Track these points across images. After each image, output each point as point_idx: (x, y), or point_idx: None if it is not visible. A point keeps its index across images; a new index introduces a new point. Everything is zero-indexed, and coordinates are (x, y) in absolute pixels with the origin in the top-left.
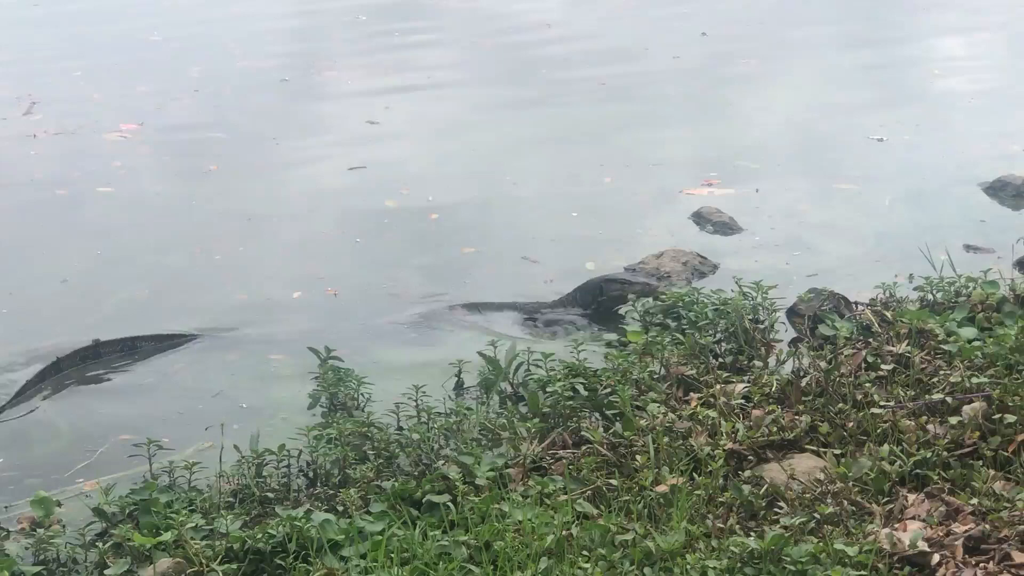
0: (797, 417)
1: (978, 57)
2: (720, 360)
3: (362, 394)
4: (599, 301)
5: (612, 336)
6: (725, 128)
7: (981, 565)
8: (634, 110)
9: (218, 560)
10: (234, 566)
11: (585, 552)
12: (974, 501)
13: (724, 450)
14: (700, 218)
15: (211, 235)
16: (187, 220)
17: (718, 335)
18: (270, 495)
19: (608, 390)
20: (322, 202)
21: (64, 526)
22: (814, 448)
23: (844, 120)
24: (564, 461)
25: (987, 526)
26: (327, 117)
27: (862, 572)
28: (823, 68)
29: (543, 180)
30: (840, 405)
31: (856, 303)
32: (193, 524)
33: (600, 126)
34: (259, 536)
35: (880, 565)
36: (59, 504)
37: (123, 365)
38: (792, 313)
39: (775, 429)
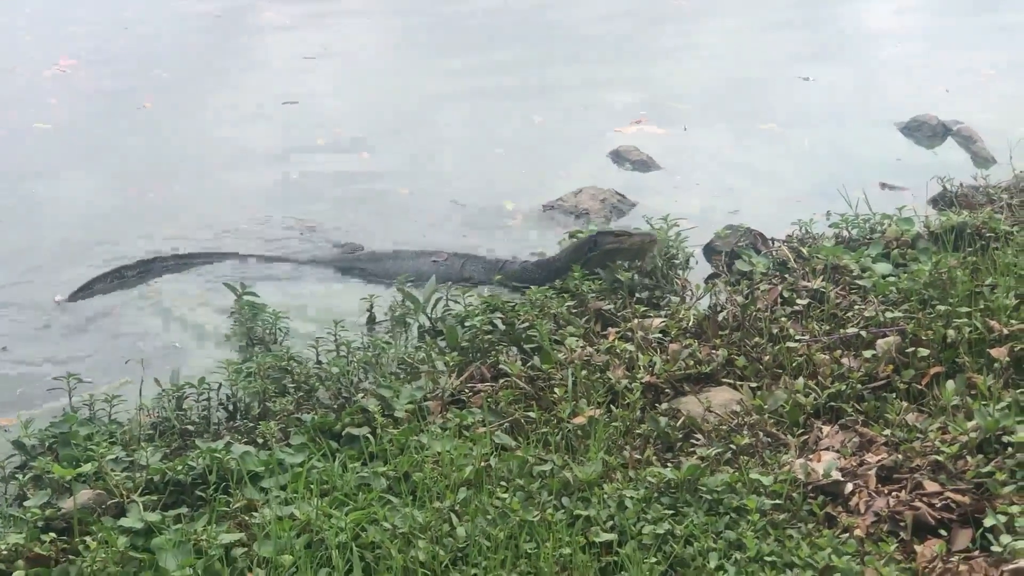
0: (714, 351)
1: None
2: (637, 295)
3: (280, 329)
4: (589, 256)
5: None
6: (657, 68)
7: (893, 494)
8: (568, 49)
9: (138, 491)
10: (154, 497)
11: (503, 483)
12: (887, 432)
13: (641, 383)
14: (619, 157)
15: (144, 173)
16: (120, 158)
17: (633, 272)
18: (190, 428)
19: (526, 324)
20: (255, 138)
21: None
22: (730, 381)
23: (774, 61)
24: (482, 394)
25: (899, 456)
26: (262, 53)
27: (777, 501)
28: (756, 8)
29: (475, 119)
30: (756, 339)
31: (772, 239)
32: (113, 456)
33: (535, 66)
34: (179, 468)
35: (795, 494)
36: None
37: None
38: (709, 250)
39: (692, 363)
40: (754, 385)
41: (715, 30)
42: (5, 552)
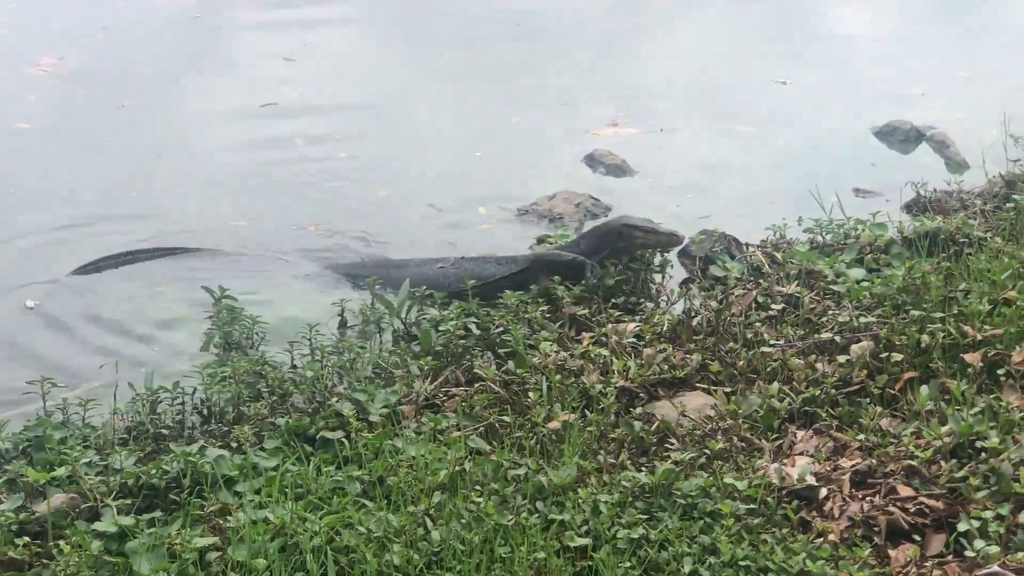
0: (688, 355)
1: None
2: (612, 300)
3: (256, 333)
4: (615, 247)
5: None
6: (636, 69)
7: (867, 498)
8: (548, 49)
9: (112, 495)
10: (128, 501)
11: (478, 487)
12: (861, 437)
13: (616, 388)
14: (592, 160)
15: (124, 172)
16: (100, 157)
17: (609, 277)
18: (164, 432)
19: (500, 329)
20: (234, 139)
21: None
22: (705, 386)
23: (751, 62)
24: (457, 398)
25: (873, 461)
26: (240, 54)
27: (751, 505)
28: (735, 10)
29: (453, 120)
30: (730, 344)
31: (747, 244)
32: (87, 460)
33: (513, 64)
34: (153, 472)
35: (769, 499)
36: None
37: None
38: (683, 254)
39: (666, 367)
40: (728, 390)
41: (695, 31)
42: None
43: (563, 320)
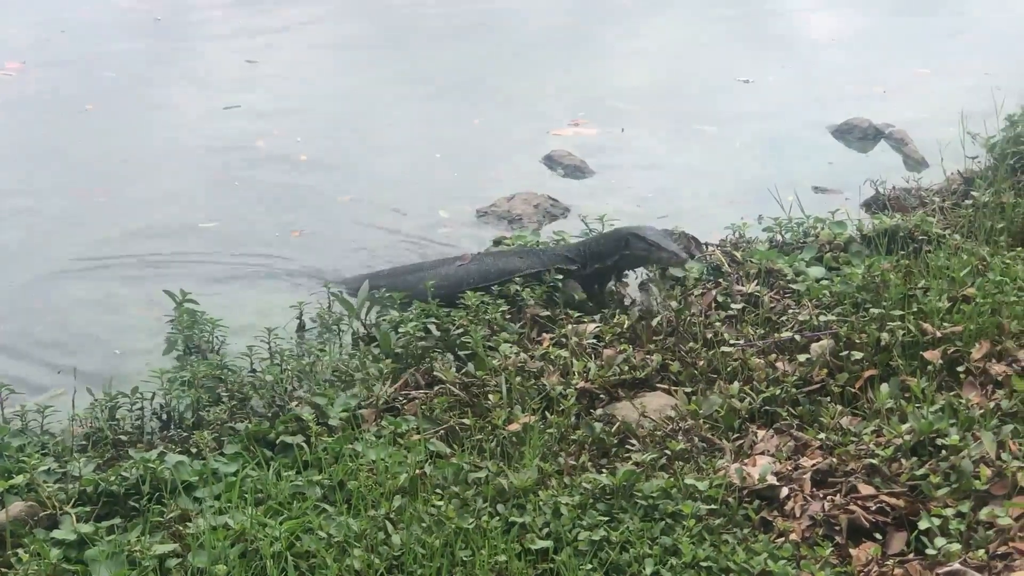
0: (648, 356)
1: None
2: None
3: (217, 337)
4: (622, 255)
5: None
6: (597, 69)
7: (828, 497)
8: (510, 50)
9: (71, 503)
10: (87, 508)
11: (438, 490)
12: (822, 436)
13: (576, 389)
14: (551, 161)
15: (88, 177)
16: (64, 162)
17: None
18: (123, 438)
19: (460, 330)
20: (197, 142)
21: None
22: (665, 386)
23: (714, 62)
24: (417, 401)
25: (834, 460)
26: (204, 56)
27: (712, 506)
28: (699, 10)
29: (415, 122)
30: (691, 344)
31: (706, 244)
32: (46, 468)
33: (475, 65)
34: (112, 479)
35: (730, 499)
36: None
37: None
38: None
39: (626, 368)
40: (689, 390)
41: (658, 30)
42: None
43: (524, 321)
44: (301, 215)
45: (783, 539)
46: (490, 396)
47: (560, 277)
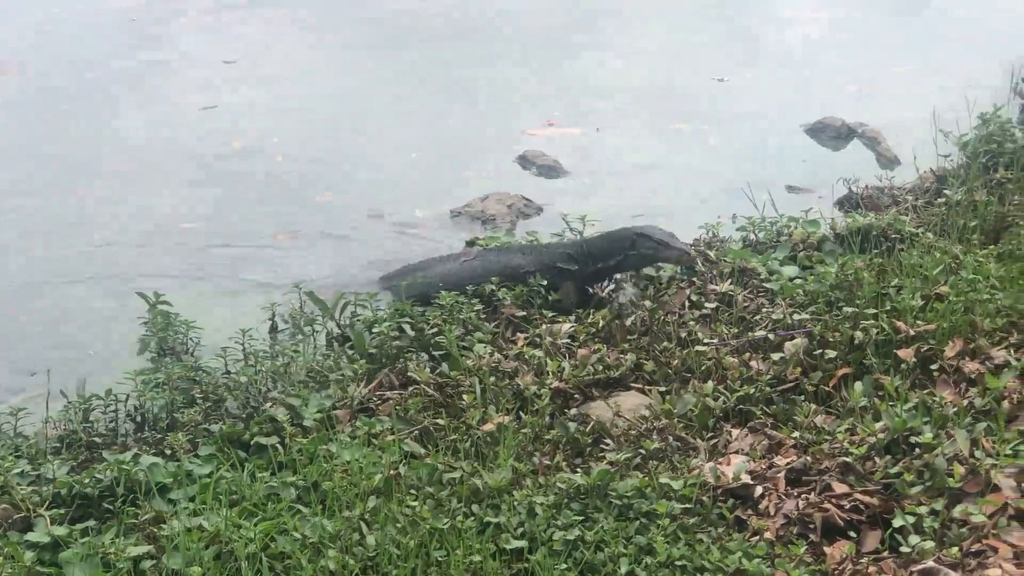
0: (622, 355)
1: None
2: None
3: (191, 339)
4: (626, 255)
5: None
6: (574, 68)
7: (803, 496)
8: (486, 49)
9: (45, 505)
10: (61, 511)
11: (413, 491)
12: (796, 434)
13: (550, 389)
14: (525, 161)
15: (64, 178)
16: (39, 163)
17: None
18: (97, 440)
19: (435, 330)
20: (174, 143)
21: None
22: (639, 386)
23: (691, 61)
24: (391, 402)
25: (808, 458)
26: (181, 56)
27: (686, 505)
28: (676, 8)
29: (392, 122)
30: (665, 343)
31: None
32: (19, 470)
33: (451, 65)
34: (86, 481)
35: (704, 498)
36: None
37: None
38: None
39: (600, 367)
40: (663, 389)
41: (634, 29)
42: None
43: (499, 320)
44: (278, 216)
45: (757, 538)
46: (464, 396)
47: (565, 271)
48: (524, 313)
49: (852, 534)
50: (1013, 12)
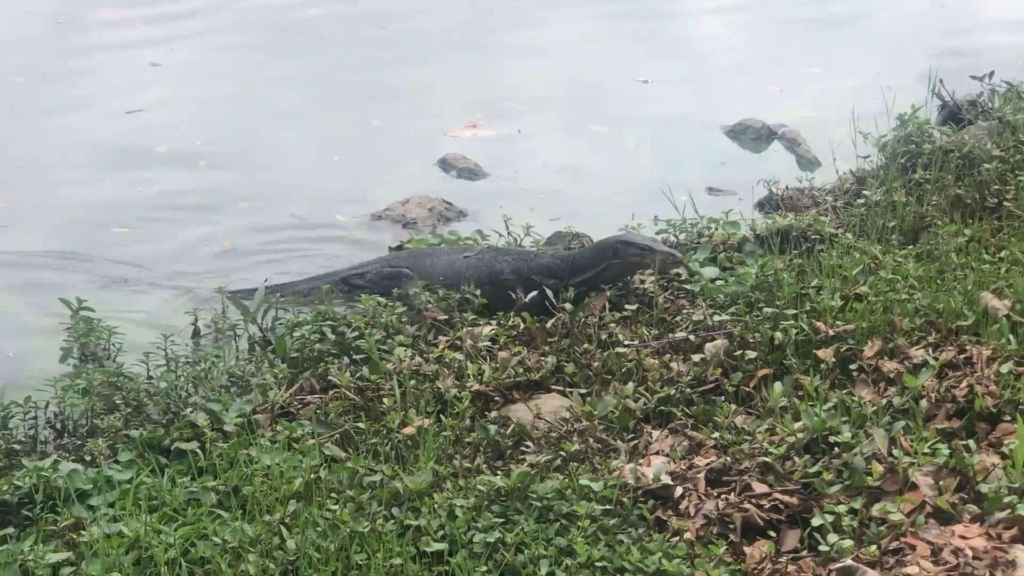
0: (543, 358)
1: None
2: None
3: (114, 344)
4: (609, 264)
5: None
6: (495, 70)
7: (723, 496)
8: (408, 52)
9: None
10: None
11: (333, 494)
12: (716, 435)
13: (470, 392)
14: (446, 164)
15: None
16: None
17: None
18: (16, 447)
19: (356, 334)
20: (98, 147)
21: None
22: (560, 388)
23: (614, 62)
24: (312, 406)
25: (728, 459)
26: (106, 59)
27: (607, 506)
28: (598, 10)
29: (315, 125)
30: (585, 345)
31: None
32: None
33: (373, 67)
34: (5, 488)
35: (625, 499)
36: None
37: None
38: None
39: (521, 370)
40: (584, 391)
41: (555, 31)
42: None
43: (421, 323)
44: (201, 221)
45: (678, 538)
46: (384, 400)
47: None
48: (446, 316)
49: (772, 534)
50: (931, 15)
